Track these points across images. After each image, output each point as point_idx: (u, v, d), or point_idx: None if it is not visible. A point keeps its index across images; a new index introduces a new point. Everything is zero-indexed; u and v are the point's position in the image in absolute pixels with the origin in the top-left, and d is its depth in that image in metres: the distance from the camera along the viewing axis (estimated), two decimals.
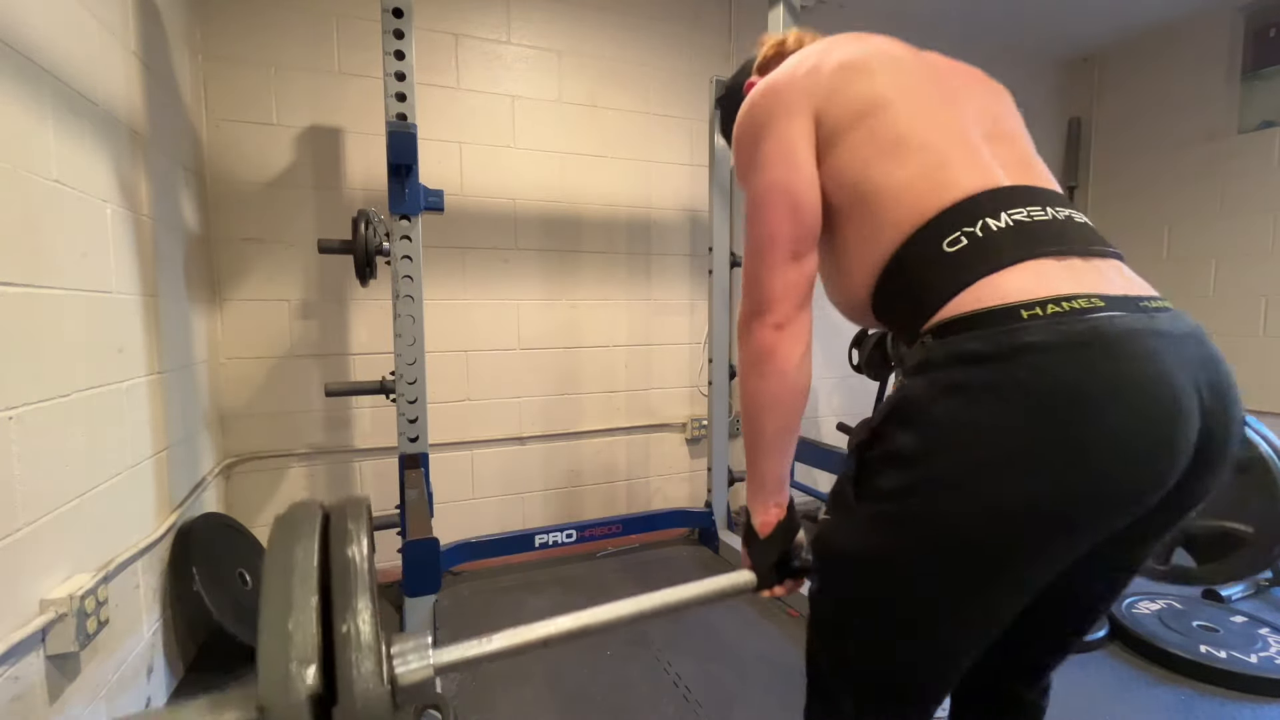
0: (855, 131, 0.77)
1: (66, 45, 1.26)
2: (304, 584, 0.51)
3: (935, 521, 0.64)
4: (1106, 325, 0.60)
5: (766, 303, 0.80)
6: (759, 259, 0.81)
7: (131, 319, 1.51)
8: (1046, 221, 0.69)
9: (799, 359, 0.79)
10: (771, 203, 0.80)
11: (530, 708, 1.63)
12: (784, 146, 0.80)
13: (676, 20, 2.75)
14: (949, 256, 0.68)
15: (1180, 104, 3.23)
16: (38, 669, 1.09)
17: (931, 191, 0.71)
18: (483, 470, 2.56)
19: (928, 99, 0.79)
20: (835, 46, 0.86)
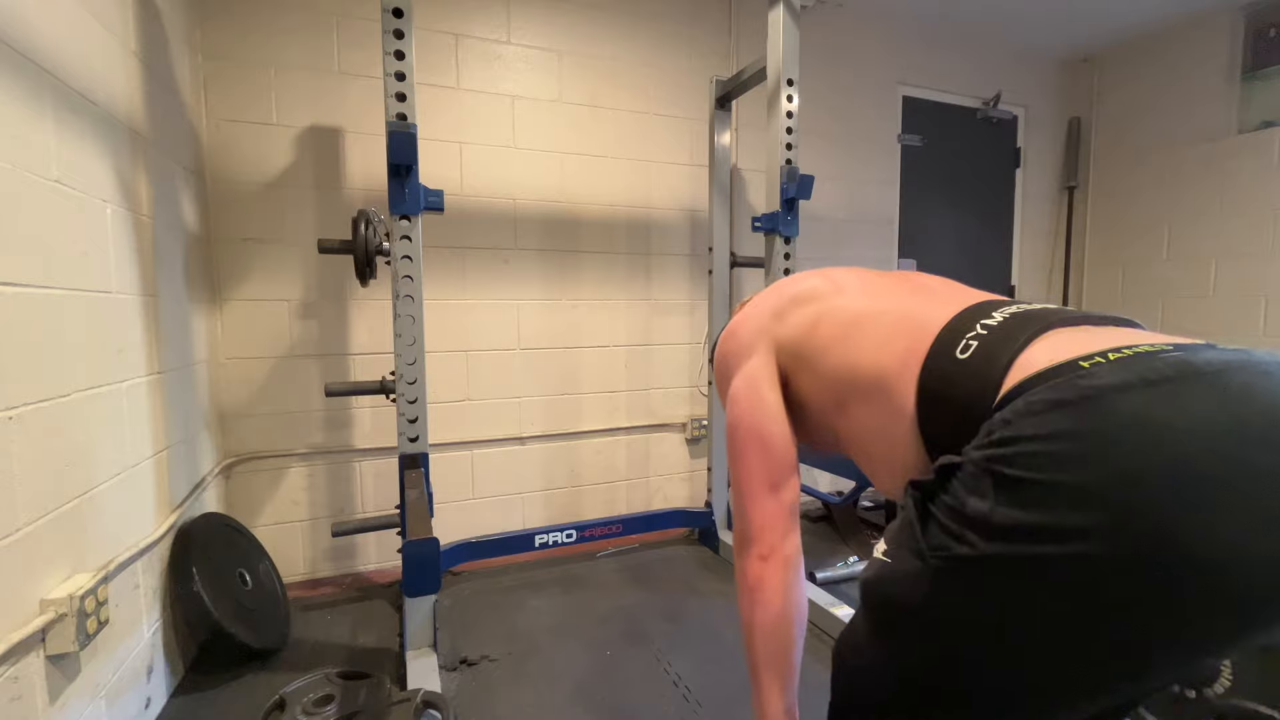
0: (815, 336, 0.83)
1: (67, 45, 1.26)
2: None
3: (1022, 600, 0.53)
4: (1193, 358, 0.50)
5: (751, 535, 0.85)
6: (739, 492, 0.88)
7: (131, 319, 1.51)
8: (1043, 308, 0.68)
9: (787, 586, 0.83)
10: (742, 442, 0.87)
11: (530, 708, 1.63)
12: (748, 385, 0.87)
13: (676, 20, 2.75)
14: (968, 363, 0.63)
15: (1180, 104, 3.23)
16: (38, 669, 1.09)
17: (914, 331, 0.72)
18: (483, 470, 2.56)
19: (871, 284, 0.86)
20: (786, 286, 0.94)
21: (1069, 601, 0.50)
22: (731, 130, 2.64)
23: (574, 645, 1.92)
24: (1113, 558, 0.47)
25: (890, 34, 3.14)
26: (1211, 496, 0.46)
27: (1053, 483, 0.50)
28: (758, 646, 0.85)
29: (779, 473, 0.85)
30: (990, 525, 0.54)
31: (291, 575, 2.26)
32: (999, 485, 0.53)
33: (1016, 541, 0.52)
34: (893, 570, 0.66)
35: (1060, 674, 0.54)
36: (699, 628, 2.01)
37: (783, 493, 0.85)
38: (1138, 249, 3.43)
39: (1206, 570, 0.46)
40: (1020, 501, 0.52)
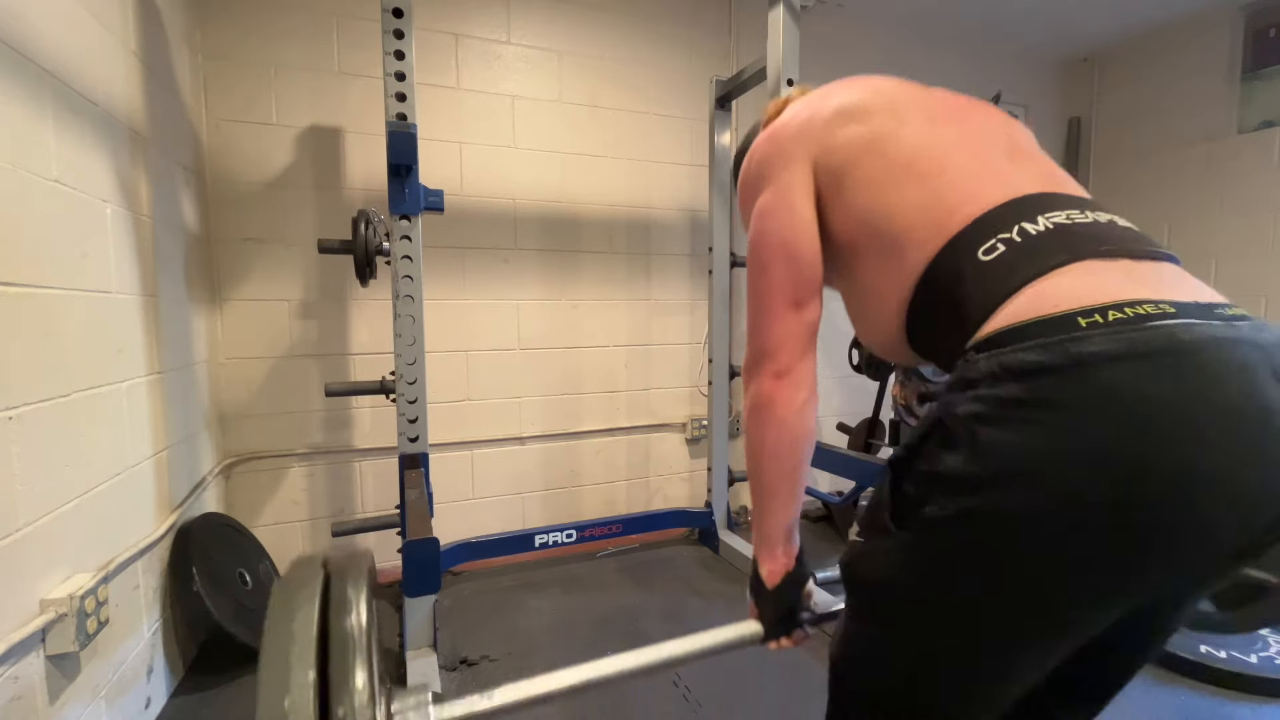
0: (860, 168, 0.74)
1: (67, 45, 1.26)
2: (301, 660, 0.52)
3: (988, 555, 0.56)
4: (1183, 333, 0.52)
5: (767, 351, 0.79)
6: (759, 308, 0.81)
7: (131, 319, 1.51)
8: (1089, 224, 0.63)
9: (800, 406, 0.78)
10: (769, 253, 0.80)
11: (530, 707, 1.63)
12: (781, 196, 0.79)
13: (676, 20, 2.75)
14: (986, 266, 0.62)
15: (1180, 104, 3.23)
16: (38, 669, 1.09)
17: (956, 205, 0.67)
18: (483, 470, 2.56)
19: (935, 124, 0.75)
20: (833, 92, 0.83)
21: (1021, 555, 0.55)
22: (731, 130, 2.64)
23: (574, 645, 1.92)
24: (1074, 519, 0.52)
25: (890, 34, 3.14)
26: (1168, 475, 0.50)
27: (1026, 448, 0.53)
28: (765, 466, 0.81)
29: (805, 290, 0.78)
30: (963, 482, 0.56)
31: None
32: (975, 443, 0.56)
33: (985, 495, 0.55)
34: (865, 548, 0.69)
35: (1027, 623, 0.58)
36: (699, 628, 2.00)
37: (805, 312, 0.79)
38: None
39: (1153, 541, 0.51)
40: (992, 460, 0.55)
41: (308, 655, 0.52)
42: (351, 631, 0.55)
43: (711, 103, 2.57)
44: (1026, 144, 0.78)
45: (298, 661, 0.51)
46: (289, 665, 0.51)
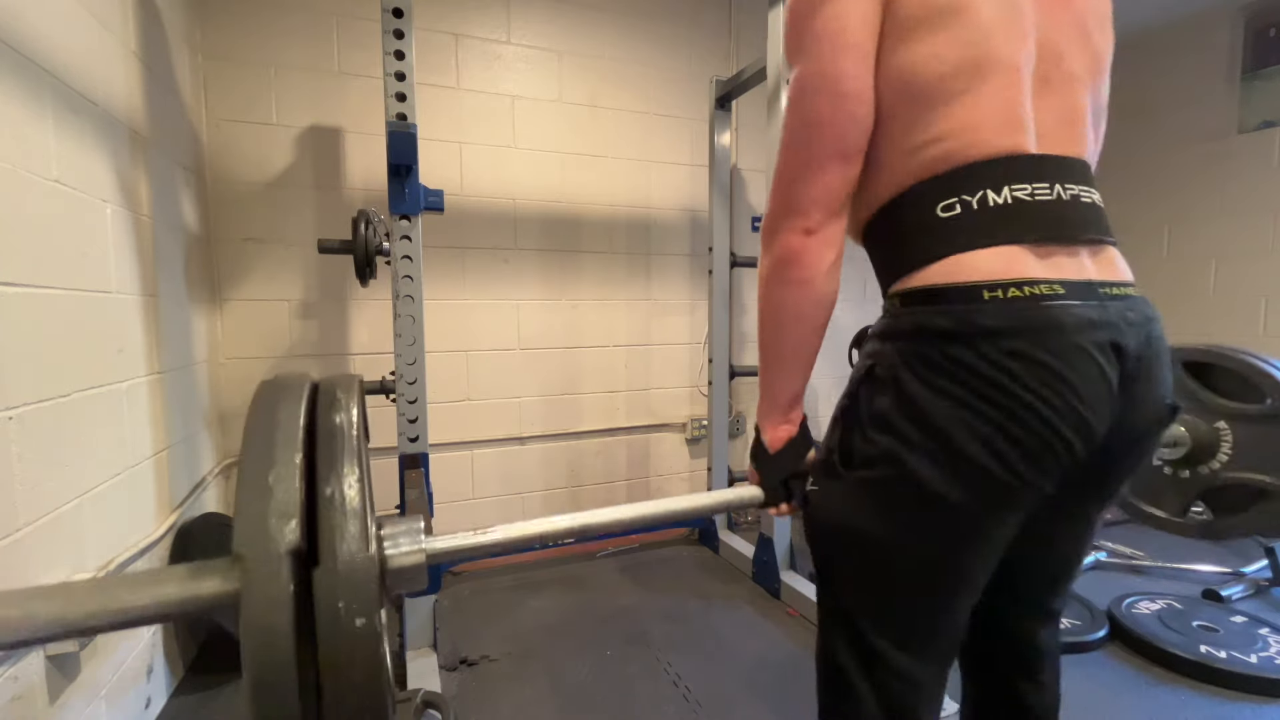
0: (927, 33, 0.67)
1: (66, 45, 1.26)
2: (287, 443, 0.46)
3: (910, 483, 0.67)
4: (1060, 314, 0.64)
5: (798, 205, 0.72)
6: (795, 155, 0.72)
7: (131, 319, 1.51)
8: (1047, 202, 0.67)
9: (828, 267, 0.73)
10: (814, 89, 0.70)
11: (530, 708, 1.63)
12: (839, 24, 0.68)
13: (676, 20, 2.75)
14: (938, 222, 0.68)
15: (1180, 104, 3.23)
16: (38, 669, 1.09)
17: (948, 148, 0.68)
18: (483, 470, 2.56)
19: (1007, 16, 0.68)
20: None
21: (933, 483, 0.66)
22: (731, 130, 2.64)
23: (574, 645, 1.92)
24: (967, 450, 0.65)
25: None
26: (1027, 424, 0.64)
27: (936, 399, 0.65)
28: (786, 329, 0.76)
29: (850, 139, 0.70)
30: (889, 422, 0.68)
31: None
32: (899, 391, 0.68)
33: (908, 433, 0.67)
34: (820, 494, 0.79)
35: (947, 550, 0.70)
36: (699, 628, 2.01)
37: (850, 166, 0.71)
38: (1137, 249, 3.43)
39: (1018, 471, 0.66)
40: (911, 406, 0.67)
41: (294, 440, 0.46)
42: (341, 424, 0.49)
43: (711, 103, 2.57)
44: (1073, 62, 0.73)
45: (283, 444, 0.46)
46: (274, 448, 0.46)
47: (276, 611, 0.40)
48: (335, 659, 0.42)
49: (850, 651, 0.76)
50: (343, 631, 0.42)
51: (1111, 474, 0.75)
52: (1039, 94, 0.70)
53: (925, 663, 0.74)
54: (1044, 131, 0.70)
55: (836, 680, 0.77)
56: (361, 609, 0.43)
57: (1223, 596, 2.08)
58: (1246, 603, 2.10)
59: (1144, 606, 2.00)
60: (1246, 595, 2.14)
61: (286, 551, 0.41)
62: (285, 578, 0.41)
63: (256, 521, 0.42)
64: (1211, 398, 1.64)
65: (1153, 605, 2.00)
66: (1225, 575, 2.30)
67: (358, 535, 0.44)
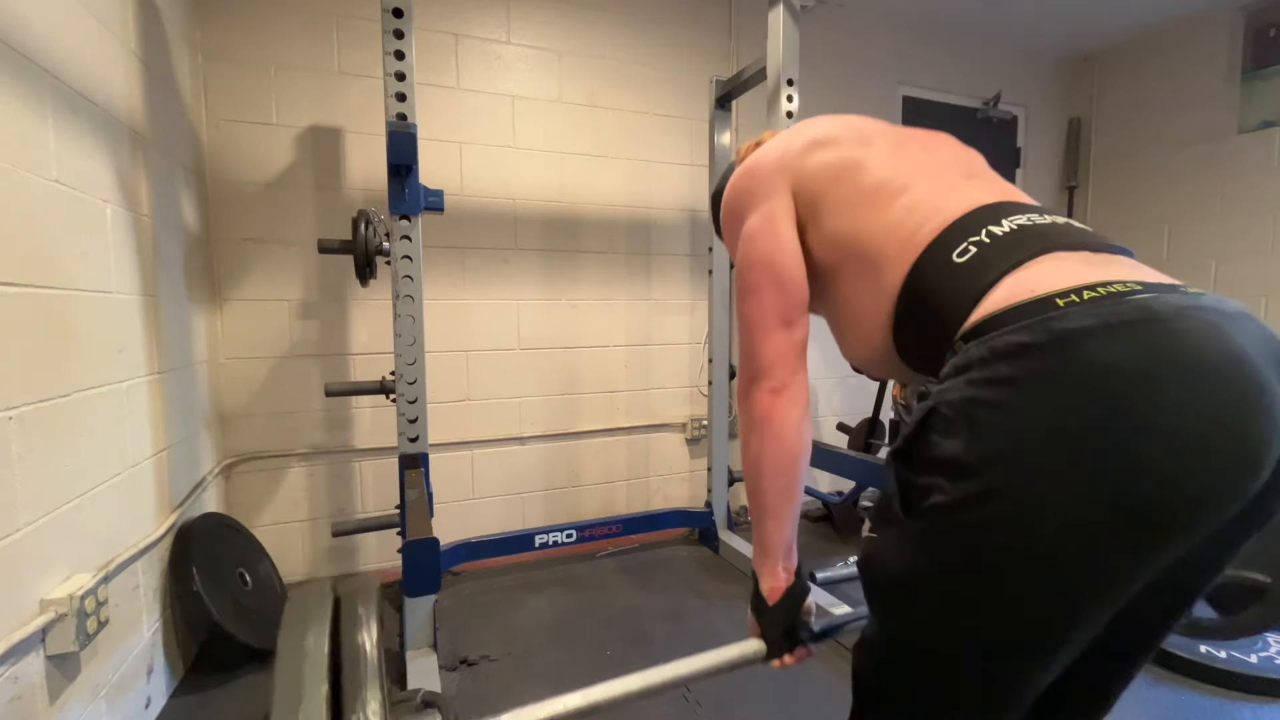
0: (834, 192, 0.80)
1: (66, 45, 1.26)
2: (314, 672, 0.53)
3: (996, 535, 0.56)
4: (1154, 303, 0.55)
5: (762, 369, 0.83)
6: (751, 329, 0.85)
7: (131, 319, 1.51)
8: (1048, 224, 0.68)
9: (796, 422, 0.81)
10: (757, 275, 0.85)
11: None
12: (765, 221, 0.84)
13: (676, 20, 2.75)
14: (962, 267, 0.66)
15: (1180, 104, 3.23)
16: (38, 669, 1.09)
17: (924, 219, 0.72)
18: (483, 470, 2.56)
19: (900, 151, 0.82)
20: (805, 127, 0.90)
21: (1032, 534, 0.55)
22: (731, 130, 2.64)
23: (574, 645, 1.92)
24: (1069, 493, 0.53)
25: (890, 34, 3.14)
26: (1156, 435, 0.51)
27: (1021, 427, 0.55)
28: (765, 482, 0.83)
29: (793, 309, 0.83)
30: (963, 466, 0.57)
31: (291, 575, 2.26)
32: (972, 426, 0.57)
33: (987, 477, 0.56)
34: (879, 542, 0.70)
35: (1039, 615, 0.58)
36: (699, 627, 2.01)
37: (795, 330, 0.83)
38: (1138, 249, 3.37)
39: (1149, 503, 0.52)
40: (991, 440, 0.56)
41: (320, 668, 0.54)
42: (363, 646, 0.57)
43: (711, 103, 2.57)
44: (982, 167, 0.85)
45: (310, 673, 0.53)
46: (302, 677, 0.52)
47: None
48: None
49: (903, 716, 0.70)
50: None
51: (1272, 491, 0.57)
52: (969, 180, 0.78)
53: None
54: (995, 193, 0.75)
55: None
56: None
57: None
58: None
59: None
60: None
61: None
62: None
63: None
64: None
65: None
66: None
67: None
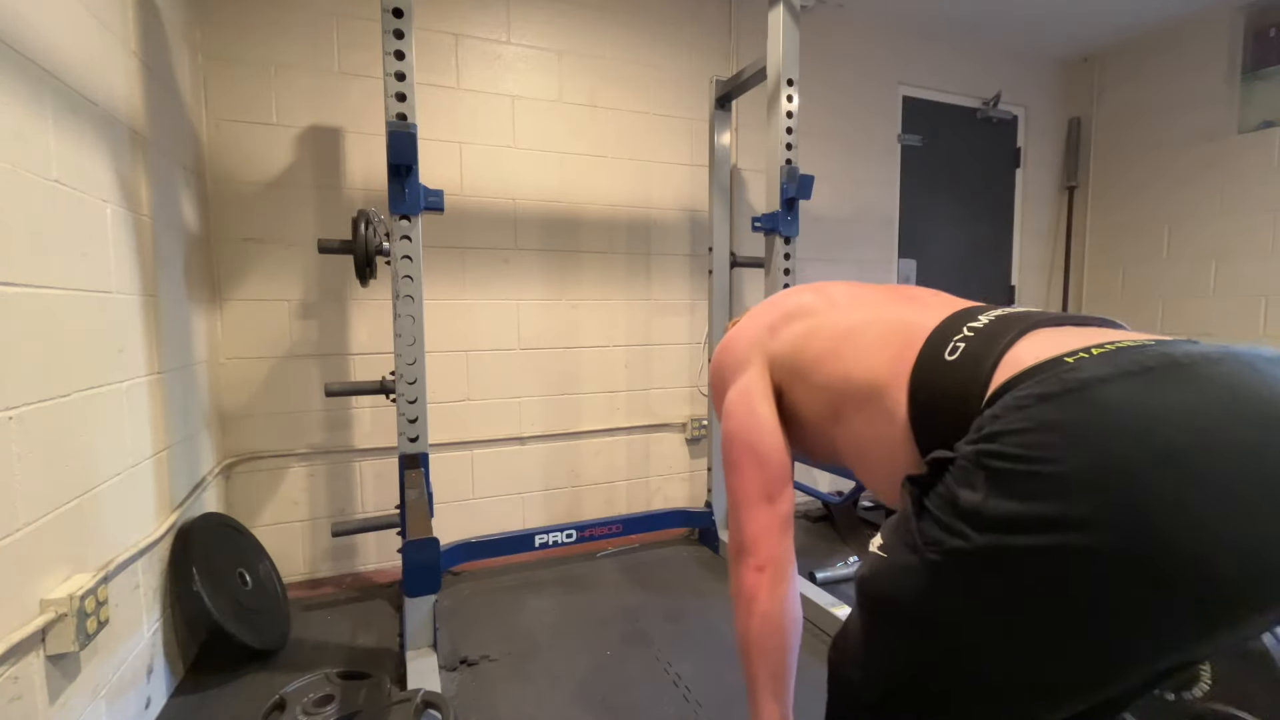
0: (810, 348, 0.86)
1: (66, 45, 1.26)
2: None
3: (1007, 591, 0.54)
4: (1174, 350, 0.52)
5: (747, 545, 0.87)
6: (734, 504, 0.90)
7: (131, 319, 1.51)
8: (1027, 310, 0.71)
9: (782, 599, 0.85)
10: (737, 455, 0.90)
11: (530, 708, 1.63)
12: (742, 398, 0.90)
13: (676, 20, 2.75)
14: (954, 364, 0.66)
15: (1180, 104, 3.23)
16: (38, 669, 1.09)
17: (905, 338, 0.74)
18: (483, 470, 2.56)
19: (861, 299, 0.89)
20: (779, 301, 0.97)
21: (1058, 592, 0.51)
22: (731, 130, 2.64)
23: (574, 645, 1.92)
24: (1099, 546, 0.48)
25: (890, 34, 3.14)
26: (1194, 485, 0.47)
27: (1042, 473, 0.51)
28: (754, 657, 0.87)
29: (774, 484, 0.87)
30: (982, 517, 0.55)
31: (291, 575, 2.26)
32: (990, 477, 0.55)
33: (1008, 532, 0.53)
34: (888, 565, 0.67)
35: (1047, 670, 0.55)
36: (699, 628, 2.01)
37: (777, 504, 0.87)
38: (1138, 249, 3.43)
39: (1188, 561, 0.47)
40: (1011, 492, 0.53)
41: None
42: None
43: (711, 103, 2.57)
44: (944, 295, 0.89)
45: None
46: None
47: None
48: None
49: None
50: None
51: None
52: (931, 307, 0.80)
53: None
54: (963, 305, 0.78)
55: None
56: None
57: None
58: None
59: None
60: None
61: None
62: None
63: None
64: None
65: None
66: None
67: None
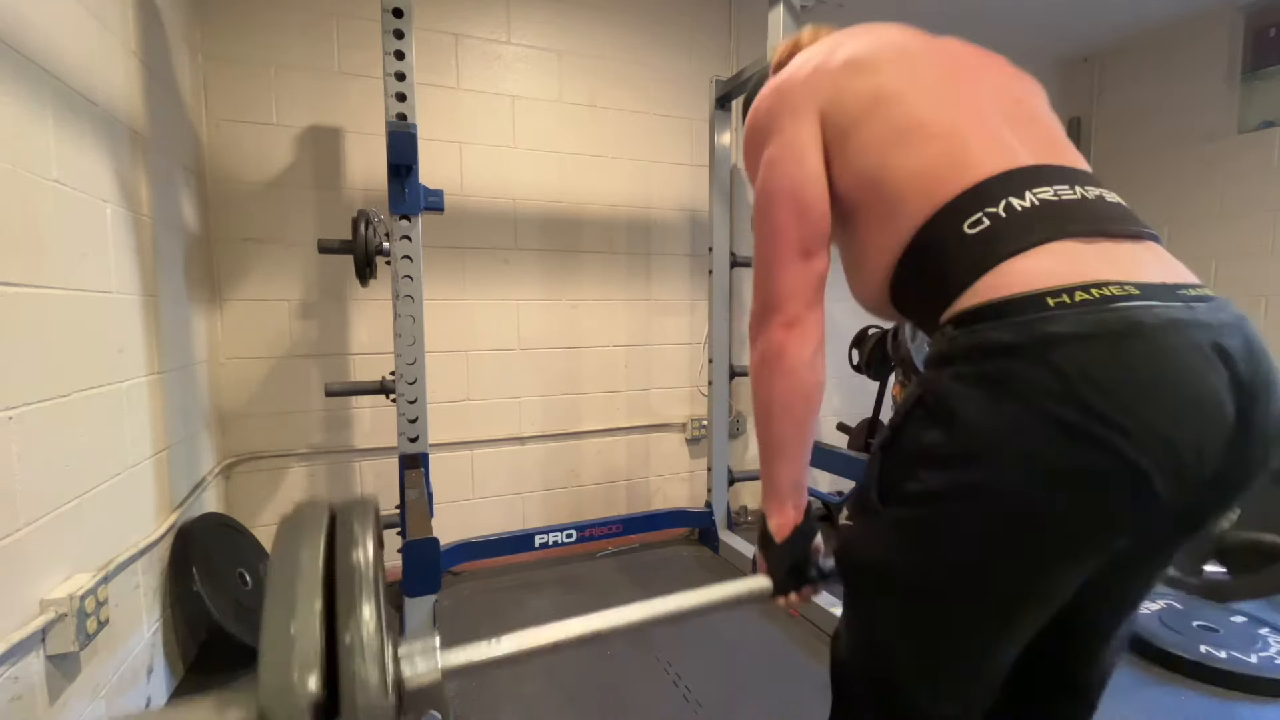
0: (866, 125, 0.74)
1: (66, 45, 1.26)
2: (308, 589, 0.50)
3: (970, 525, 0.60)
4: (1142, 314, 0.56)
5: (776, 301, 0.78)
6: (768, 259, 0.80)
7: (131, 319, 1.51)
8: (1075, 201, 0.65)
9: (810, 357, 0.77)
10: (778, 203, 0.79)
11: (531, 708, 1.63)
12: (789, 147, 0.78)
13: (676, 20, 2.75)
14: (970, 239, 0.64)
15: (1180, 104, 3.23)
16: (38, 669, 1.09)
17: (950, 175, 0.68)
18: (483, 470, 2.56)
19: (941, 85, 0.76)
20: (842, 43, 0.82)
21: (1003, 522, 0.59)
22: (731, 130, 2.64)
23: (574, 646, 1.92)
24: (1040, 488, 0.57)
25: None
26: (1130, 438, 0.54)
27: (1000, 424, 0.58)
28: (776, 419, 0.80)
29: (814, 239, 0.78)
30: (943, 456, 0.61)
31: None
32: (953, 420, 0.60)
33: (964, 469, 0.60)
34: (857, 530, 0.73)
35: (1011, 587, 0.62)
36: (699, 628, 2.01)
37: (814, 261, 0.78)
38: None
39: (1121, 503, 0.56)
40: (969, 436, 0.59)
41: (314, 585, 0.51)
42: (359, 564, 0.53)
43: (711, 103, 2.58)
44: (1033, 104, 0.78)
45: (304, 590, 0.50)
46: (295, 593, 0.50)
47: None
48: None
49: (872, 696, 0.72)
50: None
51: (1221, 503, 0.62)
52: (1012, 127, 0.72)
53: (964, 710, 0.69)
54: (1034, 150, 0.70)
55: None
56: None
57: None
58: (1246, 603, 2.10)
59: (1144, 606, 2.00)
60: None
61: (309, 706, 0.45)
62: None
63: (280, 676, 0.46)
64: None
65: (1153, 605, 2.00)
66: (1225, 575, 2.30)
67: (376, 682, 0.48)
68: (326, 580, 0.53)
